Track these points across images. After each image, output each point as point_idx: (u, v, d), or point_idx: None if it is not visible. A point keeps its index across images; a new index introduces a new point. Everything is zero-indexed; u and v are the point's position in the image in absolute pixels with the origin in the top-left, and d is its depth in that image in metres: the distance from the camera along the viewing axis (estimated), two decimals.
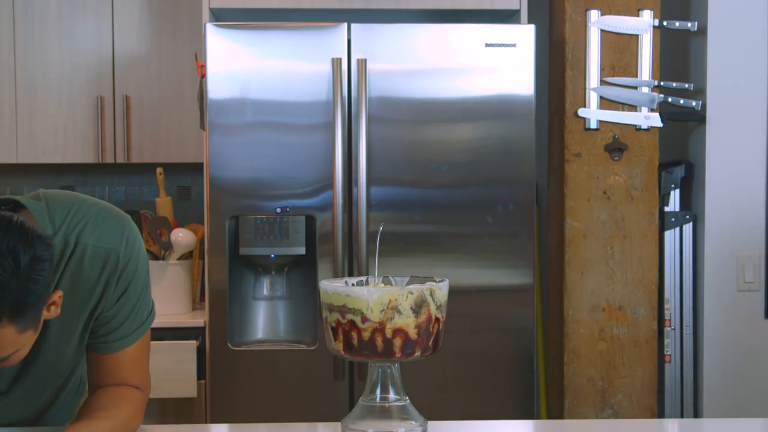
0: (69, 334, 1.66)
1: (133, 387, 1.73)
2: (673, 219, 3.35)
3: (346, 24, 2.97)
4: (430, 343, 1.70)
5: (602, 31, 3.21)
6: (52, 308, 1.48)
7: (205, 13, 3.09)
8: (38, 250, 1.37)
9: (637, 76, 3.22)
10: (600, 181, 3.23)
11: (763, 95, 3.33)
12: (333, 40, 2.96)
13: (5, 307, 1.35)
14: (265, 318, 3.13)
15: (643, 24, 3.21)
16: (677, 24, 3.26)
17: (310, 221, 2.99)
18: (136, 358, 1.73)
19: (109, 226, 1.64)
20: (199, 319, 3.17)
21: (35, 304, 1.40)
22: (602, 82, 3.20)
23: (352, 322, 1.66)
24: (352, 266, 2.98)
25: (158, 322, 3.13)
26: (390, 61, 2.98)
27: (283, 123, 2.97)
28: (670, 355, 3.32)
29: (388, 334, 1.65)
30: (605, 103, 3.23)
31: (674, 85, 3.27)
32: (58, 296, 1.48)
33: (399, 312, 1.65)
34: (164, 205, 3.50)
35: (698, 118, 3.31)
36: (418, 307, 1.66)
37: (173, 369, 3.06)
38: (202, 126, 3.02)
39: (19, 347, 1.44)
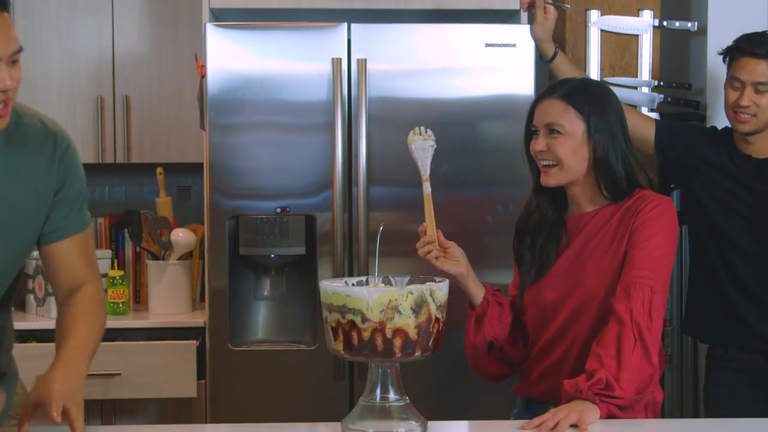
0: (19, 212, 1.85)
1: (85, 284, 1.93)
2: None
3: (346, 24, 2.97)
4: (430, 343, 1.70)
5: (602, 31, 3.21)
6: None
7: (205, 14, 3.09)
8: None
9: (637, 76, 3.22)
10: None
11: None
12: (333, 40, 2.96)
13: None
14: (265, 318, 3.13)
15: (643, 24, 3.21)
16: (677, 24, 3.26)
17: (310, 221, 2.99)
18: (84, 248, 1.96)
19: (50, 122, 1.94)
20: (199, 319, 3.17)
21: None
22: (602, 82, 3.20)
23: (352, 322, 1.66)
24: (352, 266, 2.98)
25: (158, 322, 3.20)
26: (390, 61, 2.98)
27: (283, 123, 2.97)
28: (669, 355, 3.32)
29: (388, 334, 1.65)
30: None
31: (674, 85, 3.27)
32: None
33: (399, 312, 1.65)
34: (164, 205, 3.50)
35: (698, 118, 3.30)
36: (418, 307, 1.66)
37: (173, 369, 3.06)
38: (202, 126, 3.02)
39: None
